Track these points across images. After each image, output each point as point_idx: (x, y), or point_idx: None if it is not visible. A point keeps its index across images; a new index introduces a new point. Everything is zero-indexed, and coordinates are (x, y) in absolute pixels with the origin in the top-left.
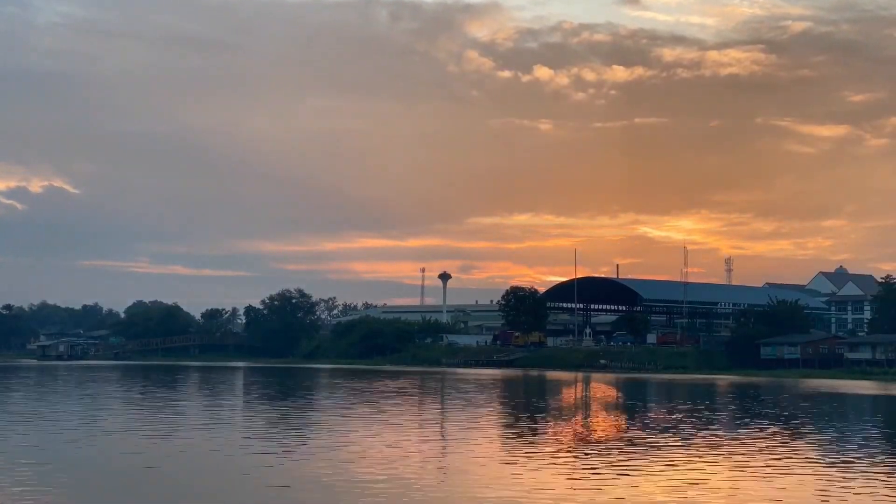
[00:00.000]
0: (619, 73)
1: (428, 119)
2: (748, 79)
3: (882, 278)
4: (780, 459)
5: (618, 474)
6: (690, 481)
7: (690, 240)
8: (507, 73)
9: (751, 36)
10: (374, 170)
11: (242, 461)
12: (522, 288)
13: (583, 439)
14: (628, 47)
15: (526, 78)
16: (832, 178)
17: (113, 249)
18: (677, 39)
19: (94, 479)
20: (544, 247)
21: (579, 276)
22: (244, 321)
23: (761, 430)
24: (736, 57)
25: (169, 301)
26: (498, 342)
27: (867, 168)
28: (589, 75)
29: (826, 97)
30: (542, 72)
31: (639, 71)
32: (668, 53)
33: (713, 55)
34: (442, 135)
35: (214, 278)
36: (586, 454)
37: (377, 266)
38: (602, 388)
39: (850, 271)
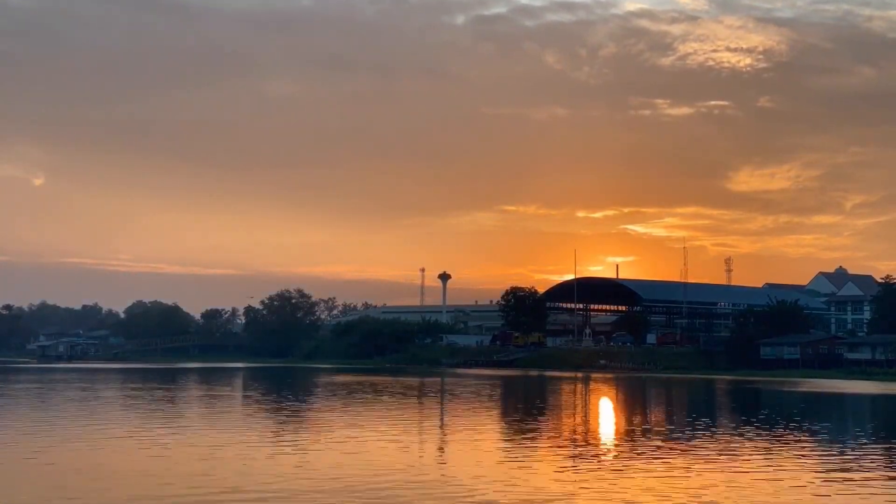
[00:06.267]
0: (612, 51)
1: (406, 100)
2: (748, 57)
3: (882, 278)
4: (779, 460)
5: (617, 474)
6: (689, 481)
7: (678, 236)
8: (492, 49)
9: (752, 13)
10: (350, 159)
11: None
12: (522, 288)
13: (581, 440)
14: (622, 25)
15: (513, 56)
16: (832, 170)
17: (103, 247)
18: (674, 18)
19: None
20: (533, 243)
21: (577, 276)
22: (244, 321)
23: (760, 430)
24: (735, 32)
25: (169, 301)
26: (497, 342)
27: (869, 159)
28: (581, 53)
29: (830, 82)
30: (531, 49)
31: (633, 49)
32: (666, 31)
33: (712, 30)
34: (423, 118)
35: (215, 277)
36: (585, 455)
37: (358, 264)
38: (602, 388)
39: (850, 271)
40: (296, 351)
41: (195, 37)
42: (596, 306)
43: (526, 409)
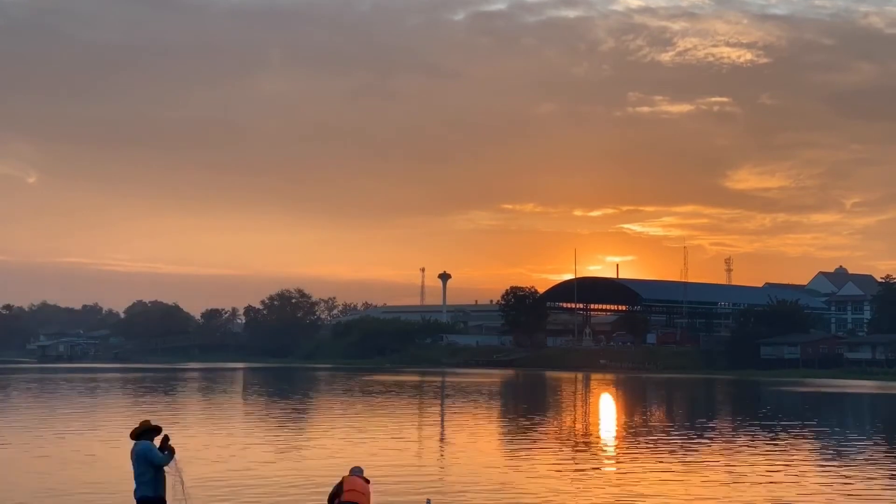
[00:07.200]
0: (610, 46)
1: (404, 97)
2: (749, 53)
3: (882, 278)
4: (779, 459)
5: (617, 474)
6: (690, 480)
7: (676, 235)
8: (490, 45)
9: (750, 9)
10: (348, 157)
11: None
12: (522, 288)
13: (582, 440)
14: (621, 20)
15: (511, 52)
16: (832, 167)
17: (101, 247)
18: (673, 14)
19: None
20: (531, 242)
21: (577, 275)
22: (244, 321)
23: (761, 429)
24: (734, 27)
25: (169, 301)
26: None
27: (869, 156)
28: (580, 48)
29: (830, 78)
30: (530, 45)
31: (632, 45)
32: (665, 27)
33: (712, 25)
34: (421, 115)
35: (215, 277)
36: (585, 454)
37: (358, 264)
38: (602, 388)
39: (850, 271)
40: (296, 351)
41: (190, 33)
42: (596, 306)
43: (526, 409)
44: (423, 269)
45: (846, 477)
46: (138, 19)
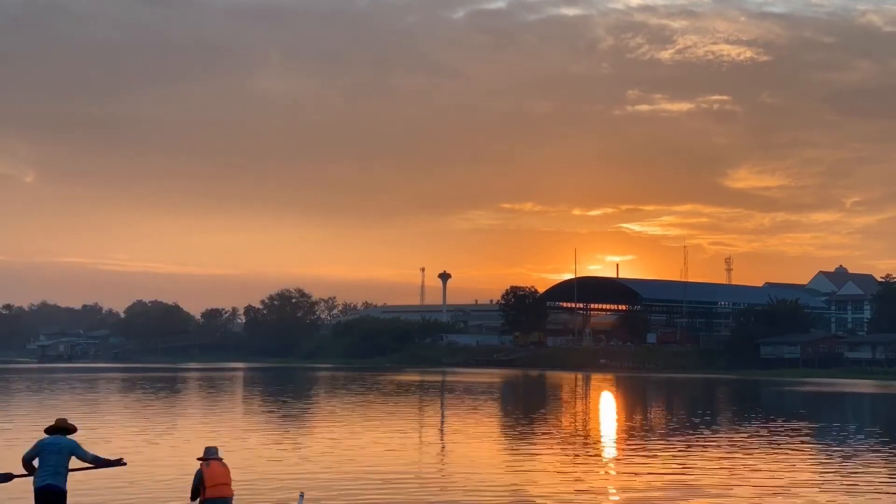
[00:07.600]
0: (610, 44)
1: (402, 96)
2: (749, 50)
3: (882, 278)
4: (779, 458)
5: (618, 474)
6: (691, 480)
7: (675, 235)
8: (489, 43)
9: (750, 7)
10: (347, 156)
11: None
12: (522, 287)
13: (582, 439)
14: (621, 18)
15: (511, 50)
16: (832, 166)
17: (101, 246)
18: (672, 12)
19: None
20: (530, 242)
21: (577, 275)
22: (244, 321)
23: (760, 428)
24: (734, 25)
25: (169, 301)
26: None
27: (869, 155)
28: (579, 46)
29: (830, 77)
30: (529, 43)
31: (631, 43)
32: (665, 25)
33: (712, 23)
34: (420, 114)
35: (214, 277)
36: (586, 453)
37: (358, 264)
38: (602, 388)
39: (850, 270)
40: (296, 351)
41: (186, 32)
42: (596, 306)
43: (526, 409)
44: (423, 269)
45: (845, 476)
46: (137, 18)
